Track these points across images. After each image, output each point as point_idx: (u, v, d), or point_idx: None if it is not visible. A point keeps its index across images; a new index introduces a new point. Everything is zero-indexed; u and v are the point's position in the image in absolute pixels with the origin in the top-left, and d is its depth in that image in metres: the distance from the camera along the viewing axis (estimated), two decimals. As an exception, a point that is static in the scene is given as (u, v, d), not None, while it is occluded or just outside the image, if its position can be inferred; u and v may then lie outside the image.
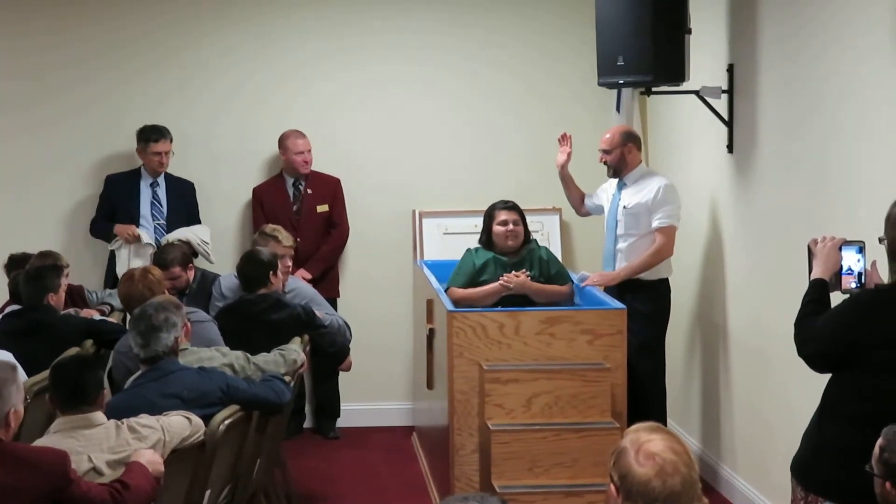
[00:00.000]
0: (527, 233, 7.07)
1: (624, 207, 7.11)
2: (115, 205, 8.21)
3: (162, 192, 8.22)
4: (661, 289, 7.12)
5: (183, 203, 8.28)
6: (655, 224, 6.98)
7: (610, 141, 7.14)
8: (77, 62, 8.43)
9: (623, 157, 7.12)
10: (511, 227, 6.96)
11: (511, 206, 7.03)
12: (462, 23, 8.59)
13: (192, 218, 8.26)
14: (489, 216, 7.06)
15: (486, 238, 7.05)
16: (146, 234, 7.99)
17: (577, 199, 7.65)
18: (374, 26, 8.57)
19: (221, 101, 8.51)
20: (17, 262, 7.26)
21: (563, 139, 7.52)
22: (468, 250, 7.12)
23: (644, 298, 6.99)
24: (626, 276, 7.02)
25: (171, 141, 8.18)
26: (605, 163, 7.18)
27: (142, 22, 8.45)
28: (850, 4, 5.39)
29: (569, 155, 7.49)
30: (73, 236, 8.37)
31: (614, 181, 7.30)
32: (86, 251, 8.21)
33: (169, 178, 8.28)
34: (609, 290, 7.06)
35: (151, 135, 8.14)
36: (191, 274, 7.34)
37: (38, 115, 8.42)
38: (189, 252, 7.53)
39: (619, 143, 7.12)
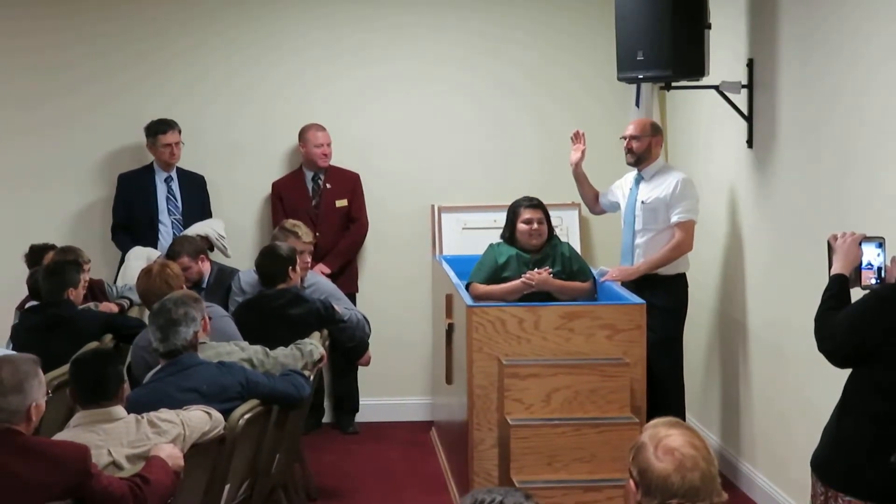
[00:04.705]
0: (550, 229, 7.05)
1: (642, 202, 7.10)
2: (131, 203, 8.22)
3: (176, 186, 8.24)
4: (679, 284, 7.11)
5: (196, 197, 8.30)
6: (674, 219, 6.98)
7: (641, 128, 7.13)
8: (92, 59, 8.44)
9: (650, 148, 7.12)
10: (535, 226, 6.94)
11: (536, 205, 7.00)
12: (480, 19, 8.59)
13: (205, 212, 8.29)
14: (513, 212, 7.03)
15: (510, 234, 7.03)
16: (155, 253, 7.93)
17: (592, 198, 7.63)
18: (392, 22, 8.57)
19: (238, 97, 8.52)
20: (37, 253, 7.31)
21: (577, 137, 7.51)
22: (490, 245, 7.11)
23: (662, 293, 6.98)
24: (645, 270, 7.01)
25: (180, 132, 8.20)
26: (630, 150, 7.14)
27: (156, 19, 8.47)
28: (871, -1, 5.38)
29: (583, 153, 7.47)
30: (87, 234, 8.35)
31: (630, 176, 7.30)
32: (98, 249, 8.18)
33: (181, 172, 8.30)
34: (626, 285, 7.05)
35: (159, 127, 8.17)
36: (204, 266, 7.34)
37: (52, 112, 8.44)
38: (203, 245, 7.53)
39: (650, 132, 7.13)
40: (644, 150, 7.13)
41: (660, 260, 7.00)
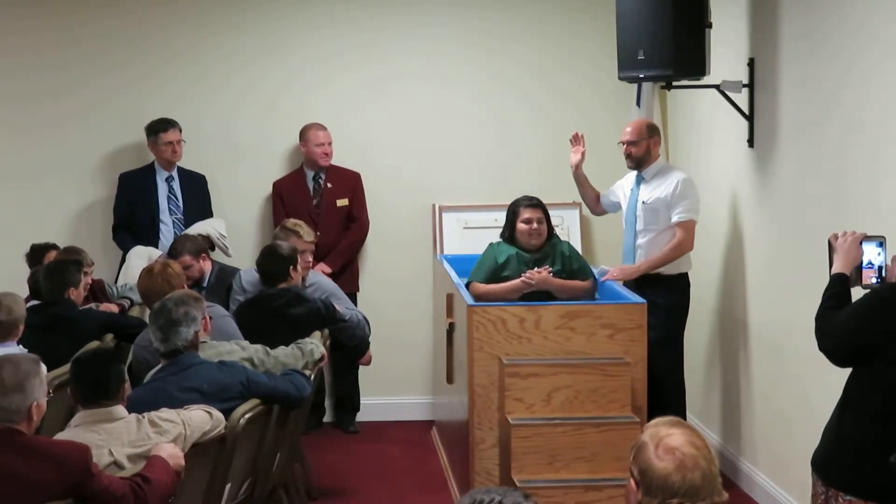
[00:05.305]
0: (550, 229, 7.04)
1: (643, 203, 7.09)
2: (132, 203, 8.23)
3: (177, 185, 8.25)
4: (681, 283, 7.10)
5: (197, 196, 8.31)
6: (675, 219, 6.97)
7: (637, 132, 7.11)
8: (92, 59, 8.45)
9: (649, 150, 7.11)
10: (535, 225, 6.92)
11: (535, 204, 6.99)
12: (481, 17, 8.59)
13: (206, 211, 8.30)
14: (513, 212, 7.02)
15: (510, 234, 7.02)
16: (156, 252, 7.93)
17: (593, 199, 7.62)
18: (394, 21, 8.57)
19: (239, 96, 8.52)
20: (38, 252, 7.32)
21: (576, 139, 7.49)
22: (490, 245, 7.11)
23: (663, 292, 6.98)
24: (646, 269, 7.01)
25: (181, 130, 8.20)
26: (629, 155, 7.14)
27: (156, 18, 8.47)
28: (872, -2, 5.38)
29: (582, 154, 7.46)
30: (88, 233, 8.36)
31: (631, 176, 7.29)
32: (99, 249, 8.17)
33: (182, 171, 8.31)
34: (628, 284, 7.06)
35: (160, 125, 8.17)
36: (205, 265, 7.36)
37: (53, 111, 8.45)
38: (204, 244, 7.54)
39: (647, 135, 7.11)
40: (643, 154, 7.12)
41: (661, 259, 7.00)
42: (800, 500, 5.91)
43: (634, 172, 7.24)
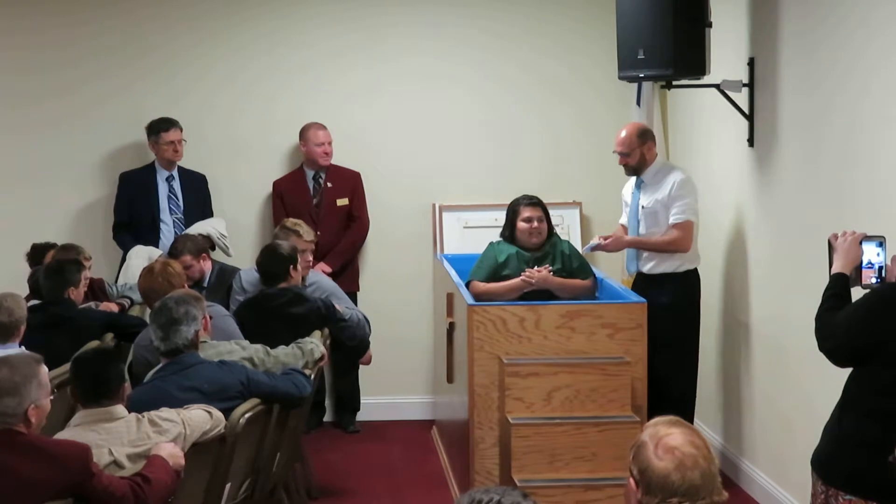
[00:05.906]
0: (550, 227, 7.04)
1: (642, 207, 7.07)
2: (133, 202, 8.23)
3: (177, 185, 8.25)
4: (686, 281, 7.04)
5: (198, 196, 8.31)
6: (671, 220, 6.92)
7: (628, 143, 7.05)
8: (92, 58, 8.45)
9: (643, 157, 7.07)
10: (535, 224, 6.93)
11: (535, 203, 7.00)
12: (481, 17, 8.59)
13: (206, 210, 8.30)
14: (513, 211, 7.03)
15: (510, 233, 7.03)
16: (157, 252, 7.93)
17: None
18: (394, 20, 8.57)
19: (239, 96, 8.52)
20: (39, 252, 7.32)
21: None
22: (490, 243, 7.11)
23: (669, 292, 6.94)
24: (637, 245, 7.02)
25: (182, 130, 8.20)
26: (624, 164, 7.12)
27: (158, 17, 8.47)
28: (872, -3, 5.38)
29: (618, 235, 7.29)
30: (88, 232, 8.35)
31: (633, 180, 7.26)
32: (100, 248, 8.17)
33: (182, 171, 8.31)
34: (635, 283, 7.05)
35: (161, 125, 8.17)
36: (205, 265, 7.37)
37: (53, 110, 8.45)
38: (204, 244, 7.54)
39: (638, 143, 7.06)
40: (638, 161, 7.07)
41: (653, 244, 6.95)
42: (800, 499, 5.91)
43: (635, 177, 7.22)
